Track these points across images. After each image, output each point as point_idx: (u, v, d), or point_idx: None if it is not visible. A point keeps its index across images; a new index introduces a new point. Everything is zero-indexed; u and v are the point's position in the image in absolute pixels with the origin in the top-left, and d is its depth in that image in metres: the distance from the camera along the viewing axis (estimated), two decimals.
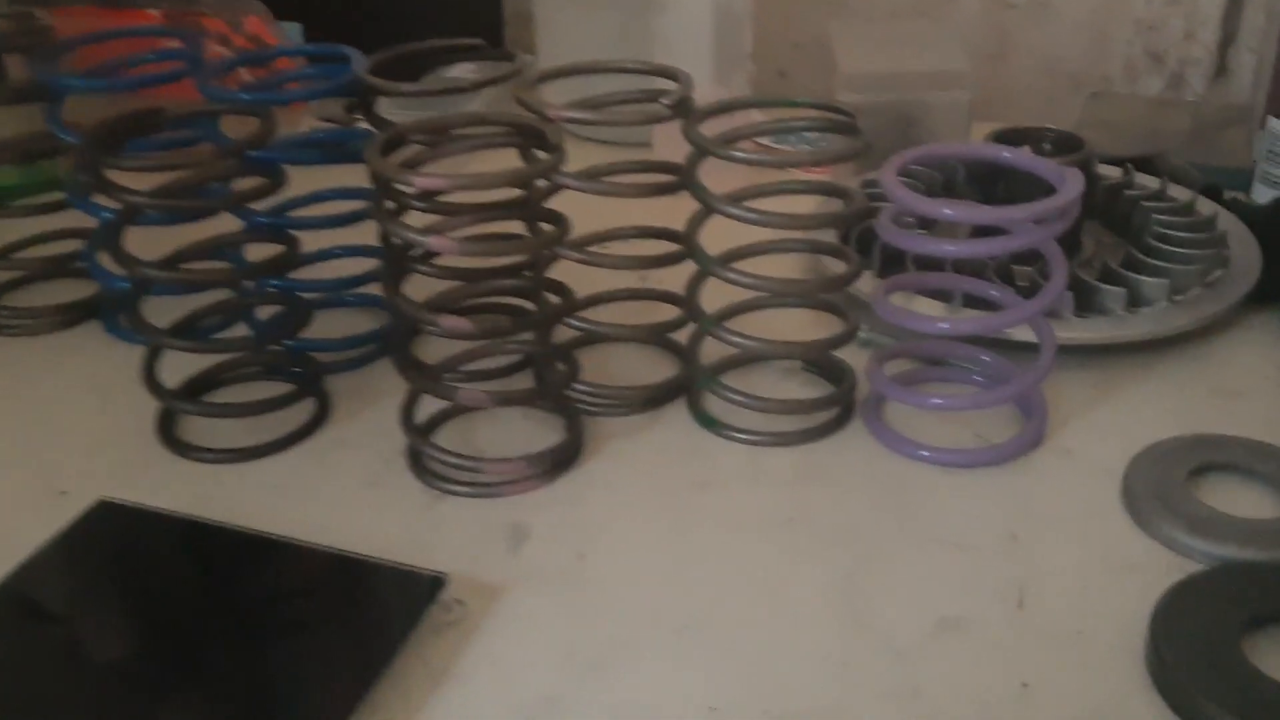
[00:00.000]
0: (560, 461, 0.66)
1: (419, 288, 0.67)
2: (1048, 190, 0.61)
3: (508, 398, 0.66)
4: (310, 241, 0.79)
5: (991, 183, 0.81)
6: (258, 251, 0.74)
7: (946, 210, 0.61)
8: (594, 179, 0.66)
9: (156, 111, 0.67)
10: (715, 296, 0.71)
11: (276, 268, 0.67)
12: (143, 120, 0.66)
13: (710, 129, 0.65)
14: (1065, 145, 0.80)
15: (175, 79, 0.73)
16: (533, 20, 1.09)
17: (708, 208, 0.66)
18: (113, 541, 0.61)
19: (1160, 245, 0.80)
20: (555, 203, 0.67)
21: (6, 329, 0.82)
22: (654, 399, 0.72)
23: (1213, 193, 0.91)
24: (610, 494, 0.66)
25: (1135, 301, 0.76)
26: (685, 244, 0.67)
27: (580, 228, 0.74)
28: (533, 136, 0.63)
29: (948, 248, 0.61)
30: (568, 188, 0.65)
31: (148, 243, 0.68)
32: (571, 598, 0.58)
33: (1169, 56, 1.29)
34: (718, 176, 0.66)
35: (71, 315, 0.83)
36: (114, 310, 0.82)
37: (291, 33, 1.04)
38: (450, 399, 0.63)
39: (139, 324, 0.67)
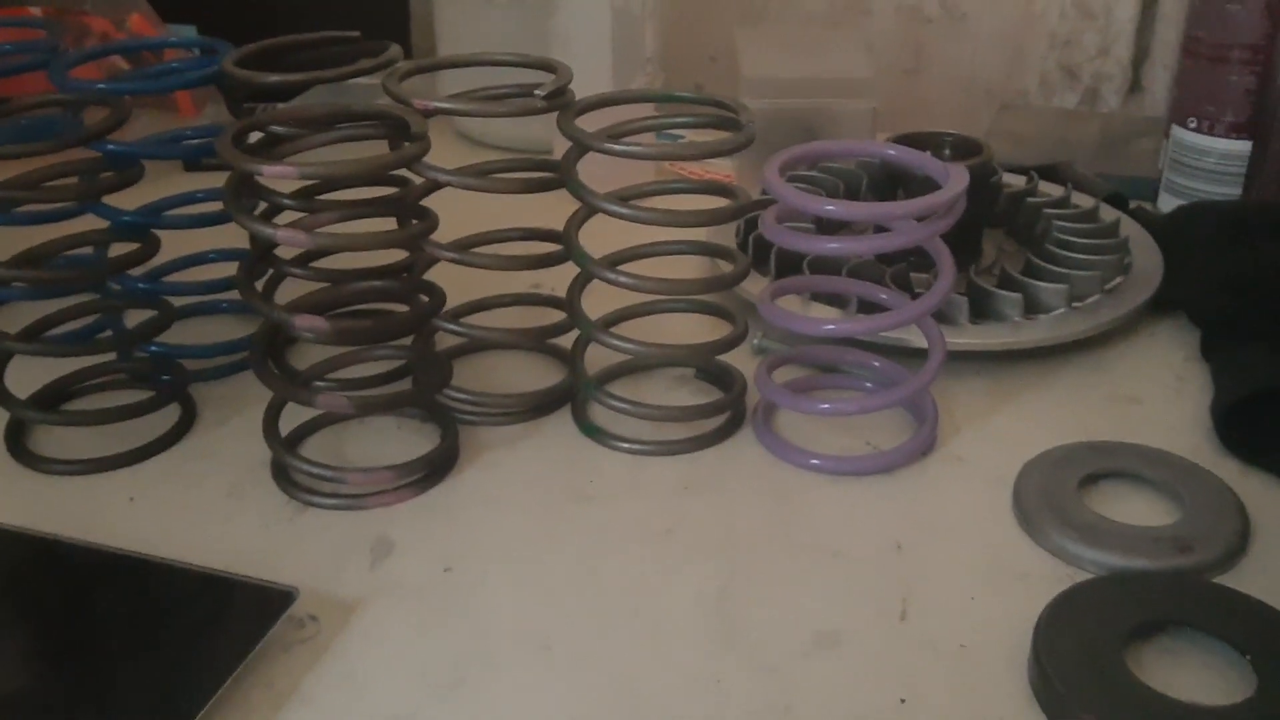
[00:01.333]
0: (432, 472, 0.63)
1: (294, 292, 0.64)
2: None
3: (371, 404, 0.62)
4: (183, 244, 0.76)
5: (892, 189, 0.79)
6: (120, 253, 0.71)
7: (828, 206, 0.59)
8: (470, 175, 0.63)
9: (2, 101, 0.63)
10: (605, 302, 0.69)
11: (129, 264, 0.63)
12: None
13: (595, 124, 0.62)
14: (965, 149, 0.79)
15: (29, 69, 0.69)
16: (430, 12, 1.06)
17: (587, 206, 0.63)
18: None
19: (1061, 251, 0.78)
20: (436, 202, 0.64)
21: None
22: (537, 407, 0.69)
23: (1117, 201, 0.90)
24: (484, 506, 0.62)
25: (1033, 308, 0.74)
26: (565, 244, 0.65)
27: (466, 229, 0.71)
28: (397, 127, 0.60)
29: (830, 245, 0.59)
30: (442, 184, 0.63)
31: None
32: (432, 613, 0.55)
33: (1083, 71, 1.29)
34: (605, 176, 0.64)
35: None
36: None
37: (185, 35, 1.01)
38: (310, 405, 0.60)
39: None
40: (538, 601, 0.56)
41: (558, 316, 0.73)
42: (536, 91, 0.62)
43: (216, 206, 0.72)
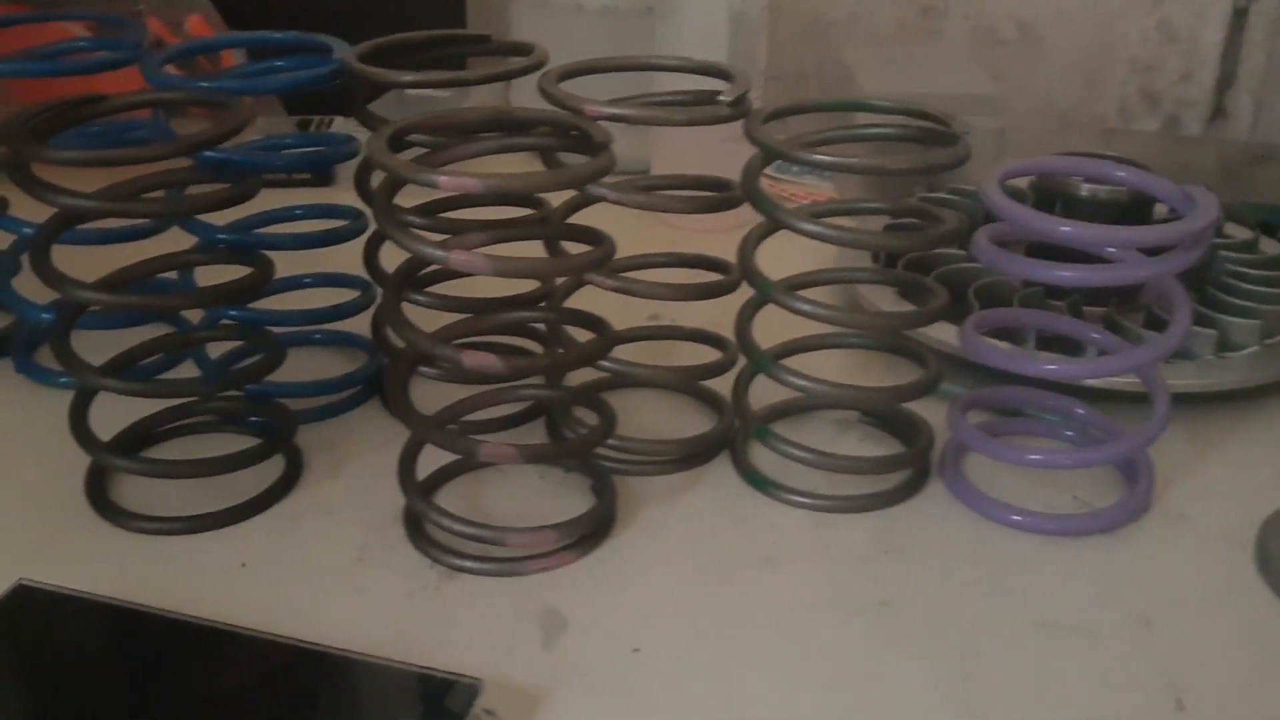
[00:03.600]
0: (593, 532, 0.55)
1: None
2: (1119, 219, 0.52)
3: (538, 453, 0.53)
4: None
5: (1048, 209, 0.72)
6: (210, 277, 0.62)
7: (1064, 229, 0.51)
8: (637, 192, 0.55)
9: (96, 99, 0.54)
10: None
11: (246, 294, 0.54)
12: (79, 109, 0.53)
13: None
14: None
15: (115, 66, 0.61)
16: (506, 21, 0.98)
17: (774, 221, 0.55)
18: (35, 636, 0.47)
19: (1239, 284, 0.71)
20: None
21: None
22: (692, 455, 0.61)
23: (1268, 230, 0.83)
24: (656, 572, 0.54)
25: (1224, 346, 0.67)
26: (741, 267, 0.57)
27: None
28: (572, 137, 0.51)
29: (1062, 273, 0.52)
30: (606, 200, 0.54)
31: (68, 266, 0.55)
32: (631, 703, 0.46)
33: (1164, 97, 1.24)
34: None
35: None
36: (26, 345, 0.68)
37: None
38: (468, 455, 0.51)
39: (69, 360, 0.53)
40: (747, 687, 0.47)
41: (684, 349, 0.66)
42: (721, 97, 0.54)
43: (316, 225, 0.64)
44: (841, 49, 1.17)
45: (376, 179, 0.53)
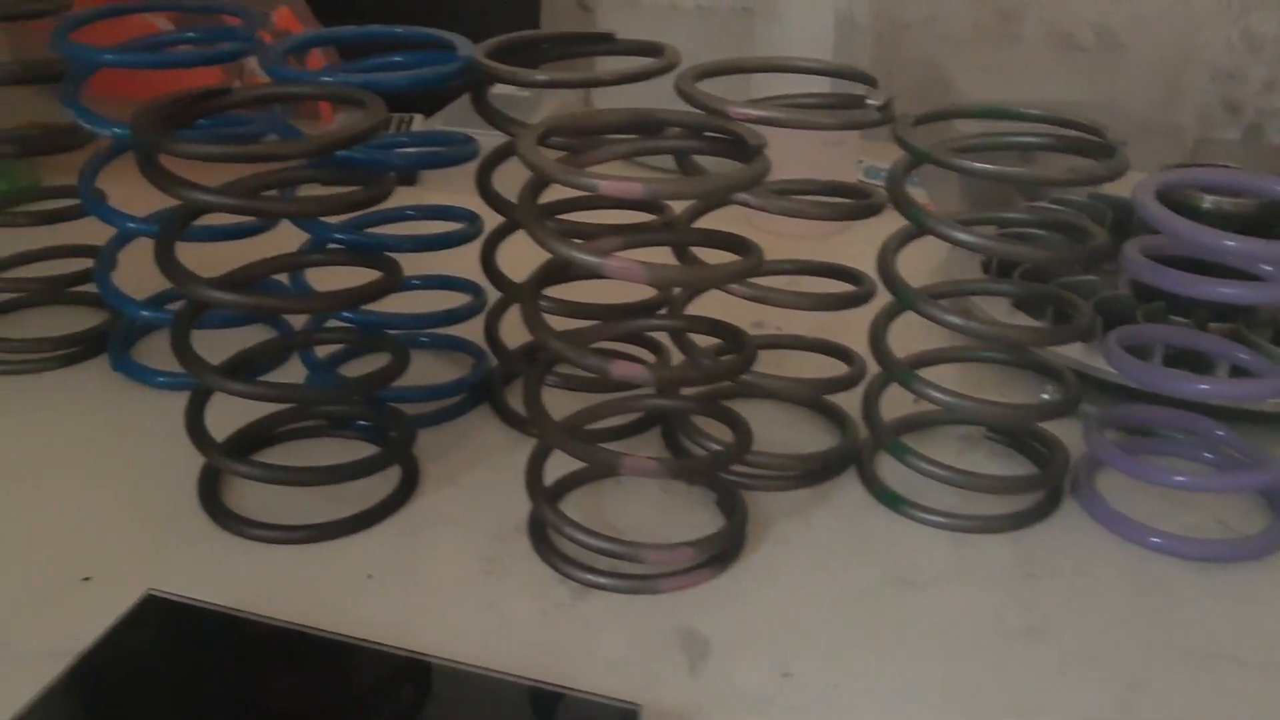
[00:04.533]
0: (728, 550, 0.53)
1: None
2: (1244, 232, 0.50)
3: (681, 469, 0.52)
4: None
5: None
6: (321, 279, 0.60)
7: (1228, 243, 0.49)
8: (776, 198, 0.53)
9: (222, 92, 0.52)
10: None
11: (376, 298, 0.52)
12: (204, 102, 0.52)
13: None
14: None
15: (233, 58, 0.59)
16: (590, 18, 0.96)
17: (920, 228, 0.53)
18: (164, 648, 0.46)
19: None
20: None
21: None
22: (816, 471, 0.59)
23: None
24: (793, 592, 0.52)
25: None
26: (882, 274, 0.55)
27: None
28: (723, 141, 0.49)
29: (1223, 289, 0.50)
30: (749, 206, 0.52)
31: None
32: None
33: (1247, 107, 1.21)
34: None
35: (73, 349, 0.67)
36: (123, 342, 0.67)
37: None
38: (607, 467, 0.49)
39: (191, 361, 0.52)
40: (904, 715, 0.45)
41: (794, 359, 0.64)
42: (869, 101, 0.52)
43: (432, 226, 0.63)
44: (919, 51, 1.15)
45: (499, 179, 0.52)
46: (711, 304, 0.59)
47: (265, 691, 0.45)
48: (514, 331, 0.65)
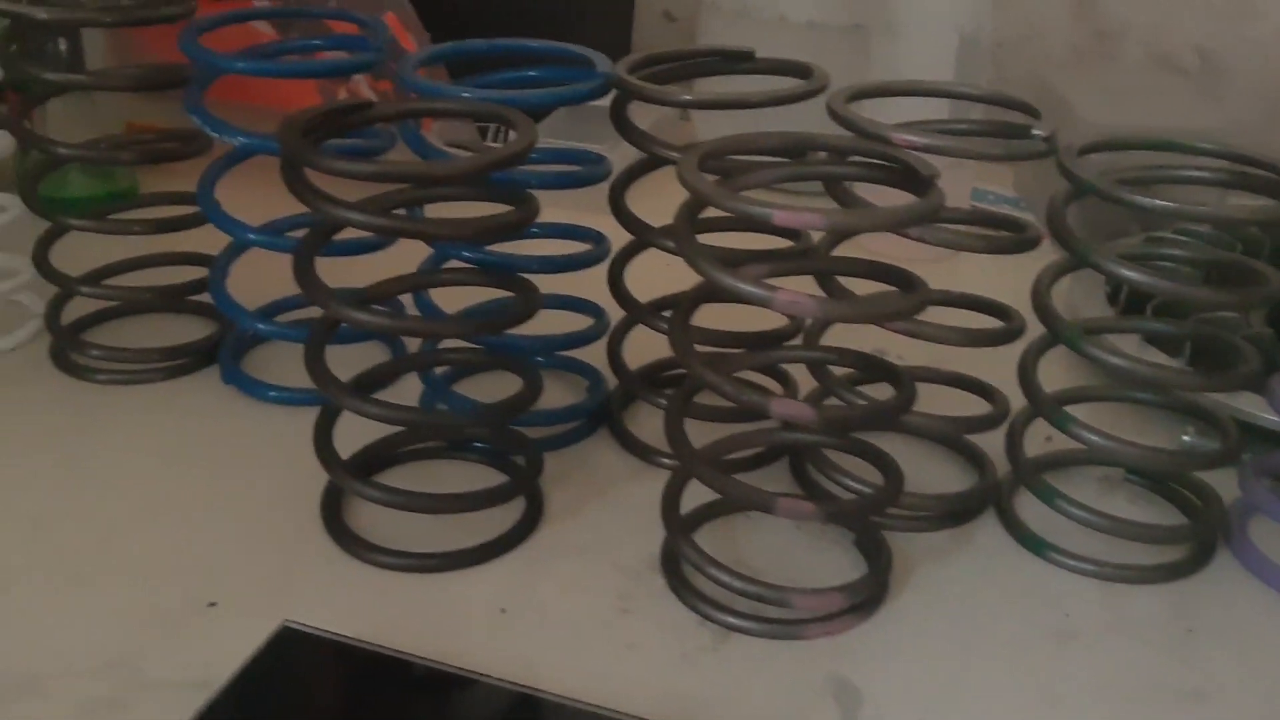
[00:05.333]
0: (873, 596, 0.51)
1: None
2: None
3: (838, 512, 0.49)
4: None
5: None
6: (447, 299, 0.59)
7: None
8: (935, 229, 0.51)
9: (364, 106, 0.51)
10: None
11: (517, 321, 0.50)
12: (347, 116, 0.50)
13: None
14: None
15: (364, 68, 0.57)
16: (692, 30, 0.95)
17: (1080, 260, 0.51)
18: (305, 682, 0.44)
19: None
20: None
21: (97, 374, 0.65)
22: (956, 512, 0.57)
23: None
24: (942, 641, 0.50)
25: None
26: (1037, 308, 0.52)
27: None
28: (893, 171, 0.47)
29: None
30: (909, 236, 0.50)
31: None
32: None
33: None
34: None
35: (182, 360, 0.65)
36: (235, 355, 0.65)
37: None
38: (762, 506, 0.47)
39: (325, 379, 0.50)
40: None
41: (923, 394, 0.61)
42: (1036, 132, 0.50)
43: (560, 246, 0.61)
44: (1015, 70, 1.12)
45: (636, 200, 0.50)
46: (833, 331, 0.57)
47: None
48: (632, 353, 0.64)
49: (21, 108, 0.61)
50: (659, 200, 0.55)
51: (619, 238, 0.61)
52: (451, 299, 0.61)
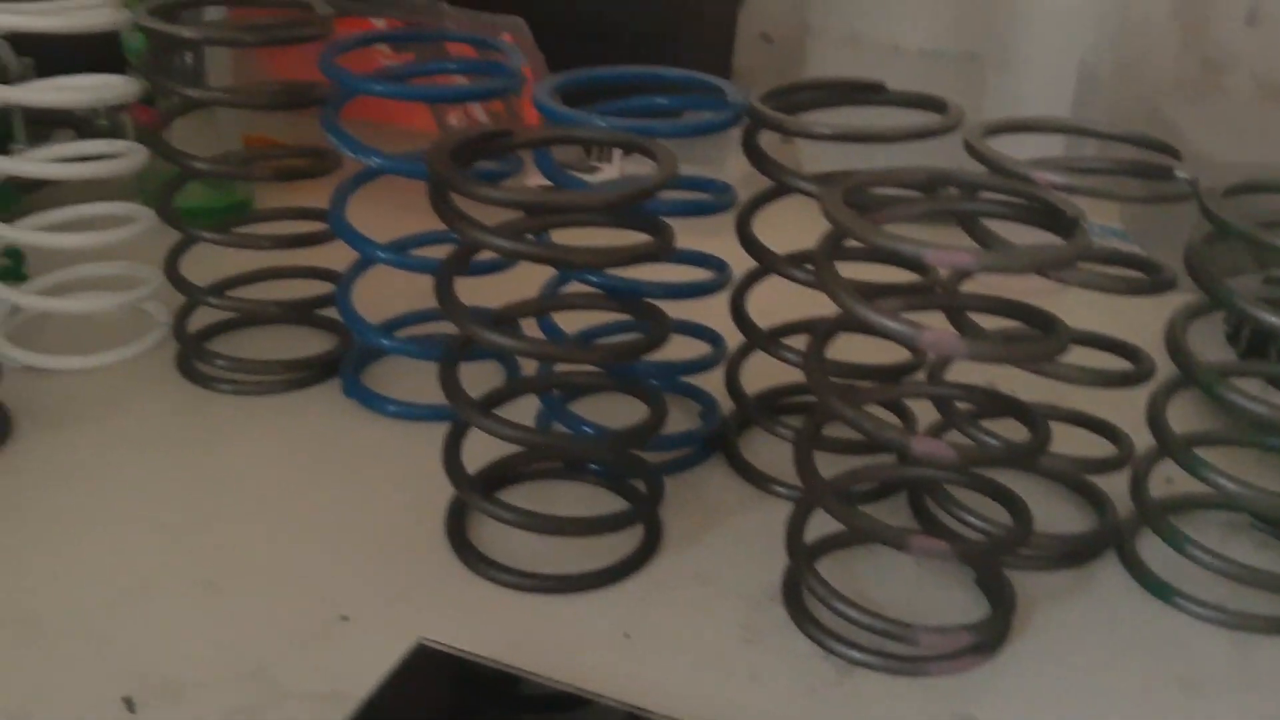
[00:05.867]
0: (997, 635, 0.50)
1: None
2: None
3: (970, 552, 0.49)
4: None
5: None
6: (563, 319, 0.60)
7: None
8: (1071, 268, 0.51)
9: (504, 134, 0.52)
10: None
11: (650, 349, 0.51)
12: (490, 142, 0.51)
13: None
14: None
15: (503, 93, 0.58)
16: (800, 58, 0.95)
17: (1216, 302, 0.50)
18: (440, 700, 0.45)
19: None
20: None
21: (222, 384, 0.66)
22: (1077, 553, 0.56)
23: None
24: (1066, 686, 0.49)
25: None
26: (1172, 350, 0.52)
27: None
28: (1034, 210, 0.47)
29: None
30: (1046, 276, 0.50)
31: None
32: None
33: None
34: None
35: (303, 373, 0.67)
36: (356, 368, 0.67)
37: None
38: (894, 543, 0.47)
39: (459, 398, 0.51)
40: None
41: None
42: (1180, 174, 0.49)
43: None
44: (1117, 99, 1.11)
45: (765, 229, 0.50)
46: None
47: None
48: (746, 378, 0.64)
49: (160, 121, 0.63)
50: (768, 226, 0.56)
51: (737, 261, 0.61)
52: (566, 319, 0.62)
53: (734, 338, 0.63)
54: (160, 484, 0.59)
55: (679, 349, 0.64)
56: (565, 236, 0.53)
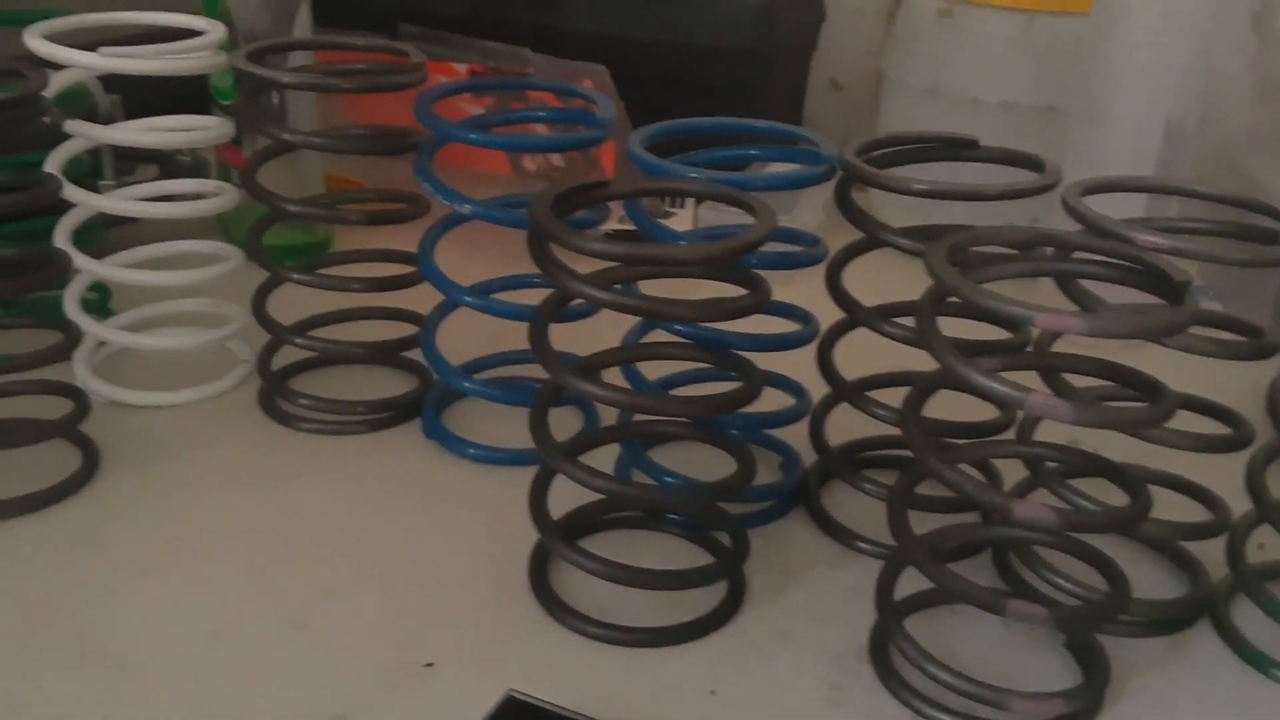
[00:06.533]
0: (1092, 705, 0.49)
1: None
2: None
3: (1068, 618, 0.48)
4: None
5: None
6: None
7: None
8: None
9: (600, 185, 0.52)
10: None
11: (744, 402, 0.50)
12: (590, 192, 0.51)
13: None
14: None
15: (596, 142, 0.59)
16: (874, 108, 0.95)
17: None
18: None
19: None
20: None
21: (304, 422, 0.66)
22: (1169, 621, 0.55)
23: None
24: None
25: None
26: (1273, 412, 0.51)
27: None
28: (1137, 272, 0.46)
29: None
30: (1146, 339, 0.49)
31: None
32: None
33: None
34: None
35: (386, 414, 0.67)
36: (437, 411, 0.67)
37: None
38: (990, 607, 0.46)
39: (549, 445, 0.51)
40: None
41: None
42: None
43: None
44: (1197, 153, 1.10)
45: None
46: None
47: None
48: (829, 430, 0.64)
49: (254, 163, 0.63)
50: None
51: (823, 312, 0.61)
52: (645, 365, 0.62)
53: (815, 388, 0.63)
54: (245, 523, 0.59)
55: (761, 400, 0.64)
56: (652, 284, 0.54)
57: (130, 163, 0.87)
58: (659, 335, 0.60)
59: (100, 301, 0.73)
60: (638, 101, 0.80)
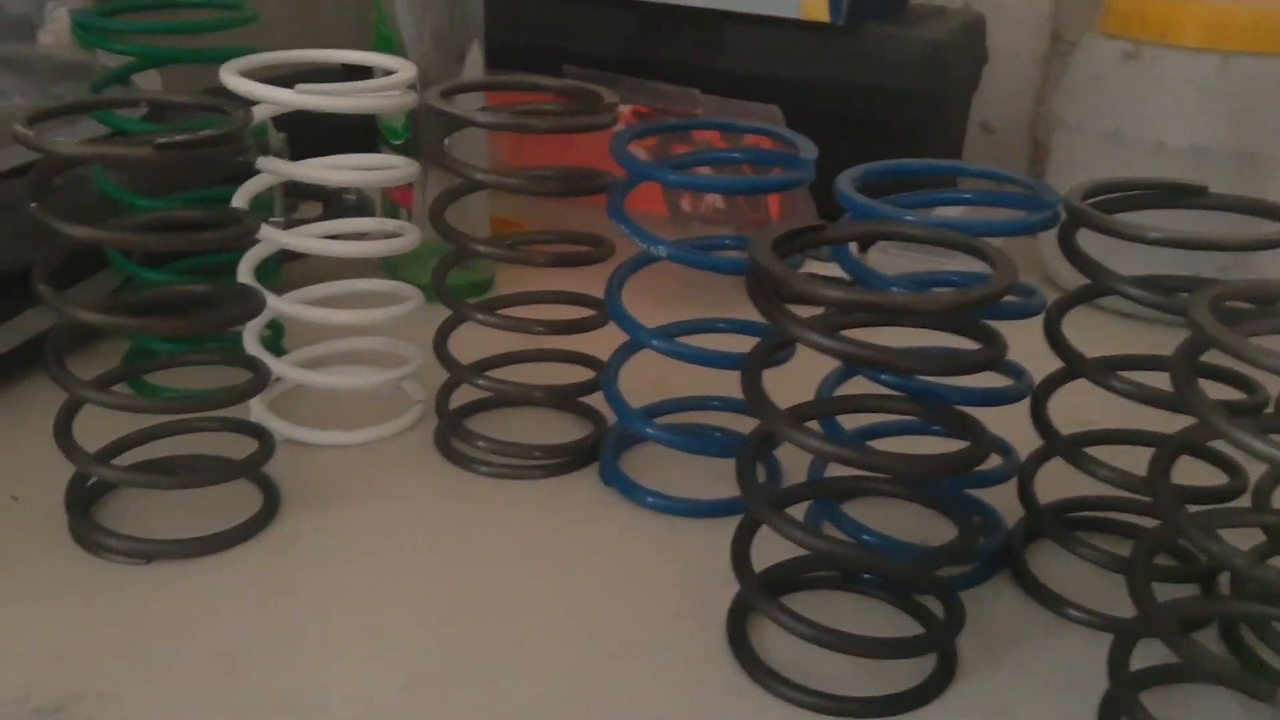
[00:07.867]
0: None
1: None
2: None
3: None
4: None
5: None
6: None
7: None
8: None
9: (818, 229, 0.50)
10: None
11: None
12: (805, 236, 0.49)
13: None
14: None
15: (796, 185, 0.57)
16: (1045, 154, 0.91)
17: None
18: None
19: None
20: None
21: (481, 465, 0.65)
22: None
23: None
24: None
25: None
26: None
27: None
28: None
29: None
30: None
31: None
32: None
33: None
34: None
35: (563, 459, 0.65)
36: (615, 456, 0.65)
37: None
38: (1259, 696, 0.43)
39: (754, 494, 0.49)
40: None
41: None
42: None
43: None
44: None
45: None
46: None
47: None
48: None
49: (440, 203, 0.63)
50: None
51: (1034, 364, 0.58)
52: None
53: (1022, 443, 0.60)
54: (429, 569, 0.57)
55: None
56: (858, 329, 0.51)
57: (295, 200, 0.87)
58: (856, 384, 0.58)
59: (274, 339, 0.73)
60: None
